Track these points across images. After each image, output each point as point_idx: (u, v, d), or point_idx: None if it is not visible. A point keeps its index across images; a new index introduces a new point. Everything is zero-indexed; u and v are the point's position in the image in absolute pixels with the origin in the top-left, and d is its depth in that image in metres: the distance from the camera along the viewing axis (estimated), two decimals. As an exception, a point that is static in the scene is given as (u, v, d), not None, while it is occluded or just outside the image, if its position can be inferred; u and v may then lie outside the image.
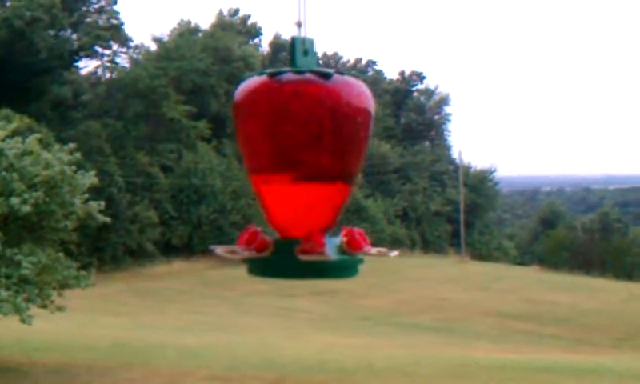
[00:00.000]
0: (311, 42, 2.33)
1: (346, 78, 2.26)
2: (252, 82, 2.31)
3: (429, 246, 73.41)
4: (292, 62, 2.30)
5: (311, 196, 2.26)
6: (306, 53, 2.31)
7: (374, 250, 2.30)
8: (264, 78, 2.28)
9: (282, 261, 2.23)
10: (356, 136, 2.27)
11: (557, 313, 39.35)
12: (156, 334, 24.48)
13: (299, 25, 2.33)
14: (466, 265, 61.72)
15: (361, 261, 2.28)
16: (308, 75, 2.24)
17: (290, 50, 2.32)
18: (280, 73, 2.27)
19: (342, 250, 2.24)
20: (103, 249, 46.94)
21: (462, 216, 69.83)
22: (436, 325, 35.14)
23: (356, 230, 2.28)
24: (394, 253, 2.39)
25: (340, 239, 2.26)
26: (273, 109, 2.23)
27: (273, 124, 2.23)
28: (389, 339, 28.72)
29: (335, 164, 2.25)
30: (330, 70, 2.25)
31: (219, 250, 2.30)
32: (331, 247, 2.20)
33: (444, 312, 38.73)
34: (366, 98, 2.28)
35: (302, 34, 2.34)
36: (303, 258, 2.14)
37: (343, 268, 2.28)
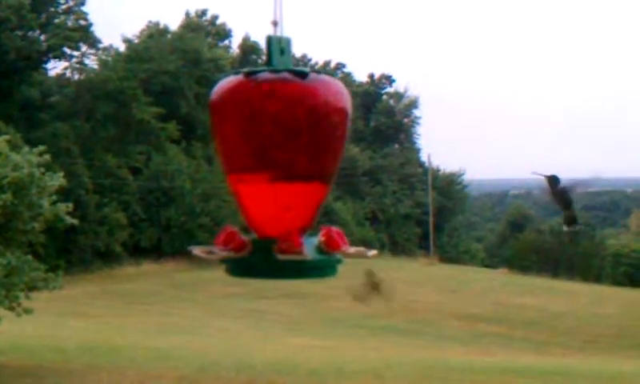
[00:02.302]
0: (288, 41, 2.32)
1: (323, 76, 2.25)
2: (228, 81, 2.29)
3: (398, 248, 73.50)
4: (268, 61, 2.28)
5: (289, 195, 2.25)
6: (282, 52, 2.30)
7: (352, 250, 2.29)
8: (240, 77, 2.26)
9: (260, 261, 2.21)
10: (333, 135, 2.26)
11: (525, 315, 39.54)
12: (125, 337, 24.35)
13: (275, 24, 2.32)
14: (435, 267, 61.83)
15: (339, 261, 2.27)
16: (284, 74, 2.22)
17: (267, 49, 2.30)
18: (256, 72, 2.25)
19: (320, 249, 2.23)
20: (71, 251, 46.65)
21: (431, 219, 70.01)
22: (405, 327, 35.20)
23: (334, 229, 2.26)
24: (373, 252, 2.38)
25: (318, 239, 2.24)
26: (249, 108, 2.21)
27: (250, 124, 2.21)
28: (359, 341, 28.76)
29: (312, 163, 2.24)
30: (306, 69, 2.24)
31: (196, 250, 2.28)
32: (309, 247, 2.19)
33: (413, 314, 38.80)
34: (343, 96, 2.27)
35: (279, 33, 2.32)
36: (281, 257, 2.13)
37: (321, 268, 2.27)
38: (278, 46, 2.30)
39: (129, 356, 19.32)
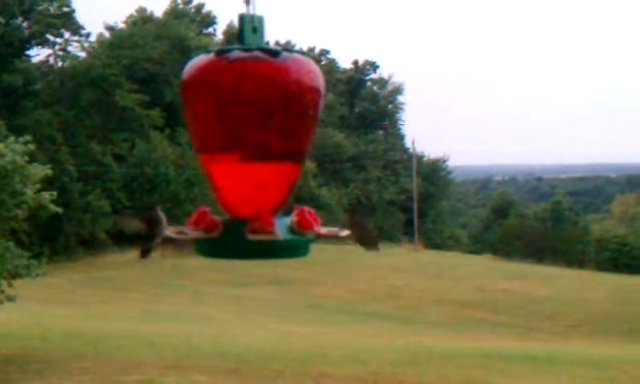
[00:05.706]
0: (260, 20, 2.28)
1: (295, 55, 2.22)
2: (200, 60, 2.26)
3: (382, 234, 73.56)
4: (240, 39, 2.25)
5: (261, 175, 2.22)
6: (254, 30, 2.26)
7: (324, 230, 2.26)
8: (211, 56, 2.23)
9: (231, 241, 2.19)
10: (305, 114, 2.23)
11: (509, 301, 39.61)
12: (109, 324, 24.28)
13: (247, 2, 2.29)
14: (420, 253, 61.94)
15: (311, 240, 2.24)
16: (256, 53, 2.19)
17: (239, 27, 2.27)
18: (227, 50, 2.22)
19: (292, 229, 2.20)
20: (55, 238, 46.47)
21: (416, 205, 70.01)
22: (390, 313, 35.23)
23: (306, 209, 2.24)
24: (345, 232, 2.36)
25: (290, 219, 2.22)
26: (221, 87, 2.19)
27: (221, 102, 2.19)
28: (343, 328, 28.76)
29: (285, 142, 2.22)
30: (278, 48, 2.21)
31: (168, 230, 2.25)
32: (281, 227, 2.17)
33: (398, 300, 38.82)
34: (316, 75, 2.24)
35: (251, 12, 2.29)
36: (252, 237, 2.11)
37: (293, 248, 2.24)
38: (251, 24, 2.27)
39: (113, 344, 19.25)
